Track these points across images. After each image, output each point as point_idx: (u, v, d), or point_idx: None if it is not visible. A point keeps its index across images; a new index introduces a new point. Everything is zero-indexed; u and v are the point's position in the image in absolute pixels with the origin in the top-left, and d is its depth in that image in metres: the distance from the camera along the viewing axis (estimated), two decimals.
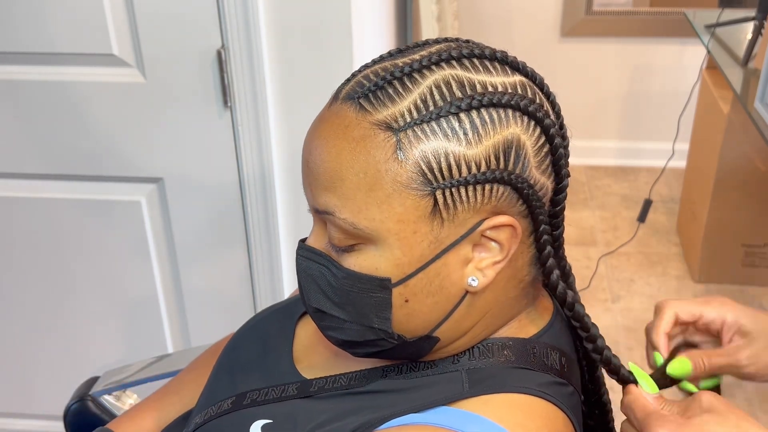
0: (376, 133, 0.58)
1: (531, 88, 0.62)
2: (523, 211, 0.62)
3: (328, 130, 0.60)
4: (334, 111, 0.61)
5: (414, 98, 0.58)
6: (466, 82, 0.59)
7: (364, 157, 0.58)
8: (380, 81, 0.59)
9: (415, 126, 0.58)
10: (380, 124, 0.58)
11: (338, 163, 0.59)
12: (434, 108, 0.58)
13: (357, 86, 0.60)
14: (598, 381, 0.75)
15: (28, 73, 1.31)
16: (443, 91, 0.58)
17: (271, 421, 0.67)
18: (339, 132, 0.59)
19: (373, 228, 0.59)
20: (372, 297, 0.61)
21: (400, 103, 0.58)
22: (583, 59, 3.06)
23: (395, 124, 0.58)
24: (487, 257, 0.62)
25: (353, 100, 0.60)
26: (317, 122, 0.63)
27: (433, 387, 0.64)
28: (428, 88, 0.59)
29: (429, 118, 0.58)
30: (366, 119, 0.58)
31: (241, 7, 1.19)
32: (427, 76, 0.59)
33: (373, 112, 0.58)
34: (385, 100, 0.58)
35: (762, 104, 1.61)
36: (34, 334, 1.59)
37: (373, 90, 0.59)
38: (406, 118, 0.58)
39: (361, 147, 0.58)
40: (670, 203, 2.90)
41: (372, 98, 0.59)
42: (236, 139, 1.31)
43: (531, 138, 0.61)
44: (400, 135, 0.57)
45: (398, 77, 0.59)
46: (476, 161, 0.58)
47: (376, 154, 0.58)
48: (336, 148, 0.59)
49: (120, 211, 1.42)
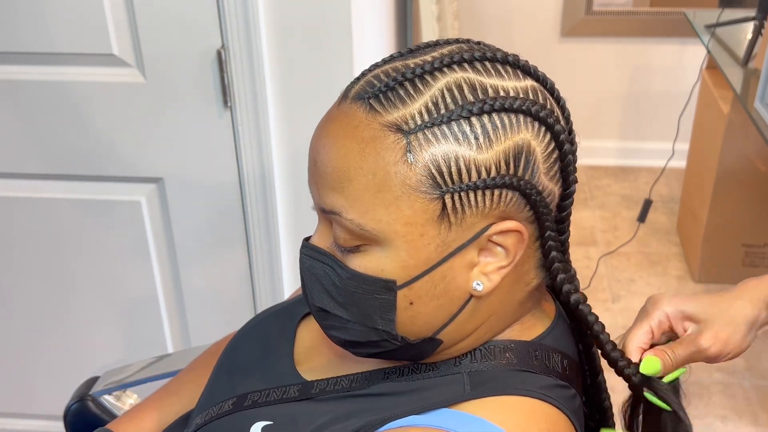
0: (386, 135, 0.58)
1: (542, 93, 0.62)
2: (530, 217, 0.62)
3: (336, 129, 0.60)
4: (343, 110, 0.60)
5: (425, 100, 0.58)
6: (478, 85, 0.59)
7: (374, 159, 0.58)
8: (391, 82, 0.59)
9: (425, 129, 0.57)
10: (390, 125, 0.58)
11: (346, 163, 0.58)
12: (445, 111, 0.57)
13: (367, 86, 0.60)
14: (599, 386, 0.75)
15: (28, 73, 1.31)
16: (455, 94, 0.58)
17: (271, 422, 0.66)
18: (348, 132, 0.59)
19: (379, 230, 0.59)
20: (376, 298, 0.61)
21: (411, 105, 0.58)
22: (583, 59, 3.06)
23: (406, 126, 0.57)
24: (492, 262, 0.61)
25: (363, 100, 0.59)
26: (325, 120, 0.62)
27: (435, 389, 0.64)
28: (440, 90, 0.58)
29: (440, 121, 0.57)
30: (376, 120, 0.58)
31: (241, 7, 1.19)
32: (438, 78, 0.59)
33: (384, 113, 0.58)
34: (395, 102, 0.58)
35: (762, 104, 1.61)
36: (34, 334, 1.59)
37: (384, 91, 0.59)
38: (416, 120, 0.57)
39: (370, 148, 0.58)
40: (670, 203, 2.90)
41: (383, 99, 0.58)
42: (236, 139, 1.31)
43: (541, 144, 0.60)
44: (411, 137, 0.57)
45: (409, 78, 0.59)
46: (486, 166, 0.58)
47: (386, 155, 0.57)
48: (345, 148, 0.59)
49: (120, 211, 1.42)
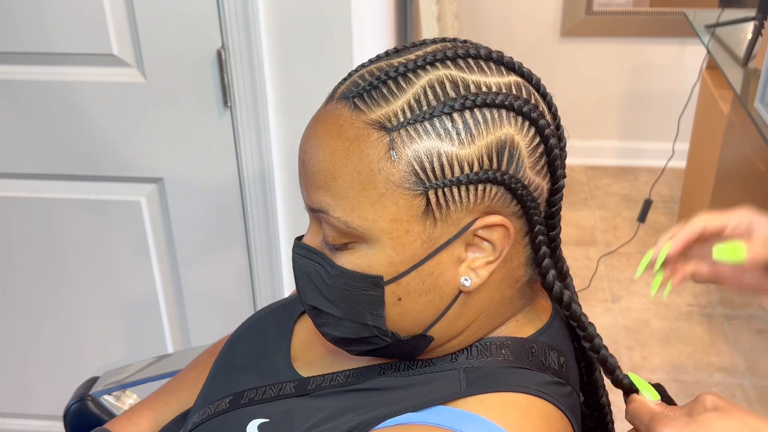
0: (369, 133, 0.58)
1: (526, 89, 0.62)
2: (518, 212, 0.62)
3: (323, 129, 0.61)
4: (329, 110, 0.61)
5: (408, 98, 0.58)
6: (460, 82, 0.59)
7: (358, 157, 0.58)
8: (375, 81, 0.59)
9: (408, 126, 0.58)
10: (374, 123, 0.58)
11: (332, 162, 0.59)
12: (427, 108, 0.58)
13: (352, 86, 0.61)
14: (596, 383, 0.75)
15: (28, 73, 1.31)
16: (437, 91, 0.59)
17: (268, 420, 0.67)
18: (333, 131, 0.60)
19: (365, 227, 0.59)
20: (364, 294, 0.61)
21: (394, 102, 0.58)
22: (583, 59, 3.06)
23: (388, 123, 0.58)
24: (480, 257, 0.62)
25: (348, 100, 0.60)
26: (313, 122, 0.63)
27: (431, 385, 0.64)
28: (422, 88, 0.59)
29: (422, 118, 0.58)
30: (360, 118, 0.59)
31: (241, 7, 1.19)
32: (421, 75, 0.59)
33: (367, 111, 0.59)
34: (379, 100, 0.59)
35: (762, 104, 1.61)
36: (34, 334, 1.59)
37: (368, 89, 0.59)
38: (399, 117, 0.58)
39: (354, 146, 0.58)
40: (670, 203, 2.90)
41: (366, 98, 0.59)
42: (236, 139, 1.31)
43: (525, 138, 0.60)
44: (393, 134, 0.58)
45: (393, 77, 0.59)
46: (469, 161, 0.58)
47: (370, 153, 0.58)
48: (330, 147, 0.59)
49: (120, 211, 1.42)
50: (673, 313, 2.31)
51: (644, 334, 2.22)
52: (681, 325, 2.26)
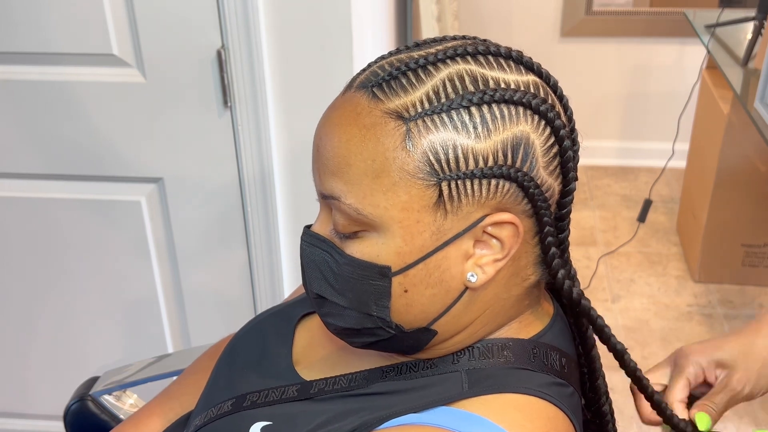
0: (386, 122, 0.58)
1: (544, 89, 0.62)
2: (528, 211, 0.62)
3: (339, 116, 0.61)
4: (347, 98, 0.61)
5: (427, 90, 0.59)
6: (480, 77, 0.60)
7: (373, 144, 0.58)
8: (394, 71, 0.60)
9: (425, 116, 0.58)
10: (391, 112, 0.58)
11: (347, 149, 0.59)
12: (446, 100, 0.58)
13: (371, 75, 0.61)
14: (598, 390, 0.75)
15: (28, 73, 1.31)
16: (456, 84, 0.59)
17: (270, 423, 0.67)
18: (350, 119, 0.60)
19: (377, 215, 0.59)
20: (371, 284, 0.61)
21: (413, 93, 0.59)
22: (583, 59, 3.06)
23: (406, 113, 0.58)
24: (487, 254, 0.62)
25: (366, 89, 0.60)
26: (330, 109, 0.63)
27: (433, 387, 0.64)
28: (441, 80, 0.59)
29: (440, 110, 0.58)
30: (378, 107, 0.59)
31: (241, 7, 1.19)
32: (441, 69, 0.60)
33: (386, 100, 0.59)
34: (398, 90, 0.59)
35: (762, 104, 1.61)
36: (33, 334, 1.59)
37: (387, 79, 0.60)
38: (417, 108, 0.58)
39: (371, 134, 0.59)
40: (670, 203, 2.90)
41: (385, 87, 0.59)
42: (236, 139, 1.31)
43: (540, 137, 0.61)
44: (410, 124, 0.58)
45: (413, 68, 0.60)
46: (484, 155, 0.58)
47: (385, 141, 0.58)
48: (346, 134, 0.60)
49: (120, 211, 1.42)
50: (673, 313, 2.31)
51: (644, 334, 2.22)
52: (681, 325, 2.26)
